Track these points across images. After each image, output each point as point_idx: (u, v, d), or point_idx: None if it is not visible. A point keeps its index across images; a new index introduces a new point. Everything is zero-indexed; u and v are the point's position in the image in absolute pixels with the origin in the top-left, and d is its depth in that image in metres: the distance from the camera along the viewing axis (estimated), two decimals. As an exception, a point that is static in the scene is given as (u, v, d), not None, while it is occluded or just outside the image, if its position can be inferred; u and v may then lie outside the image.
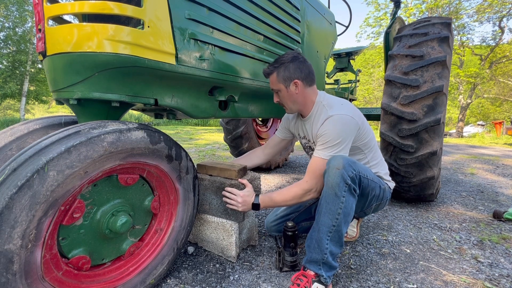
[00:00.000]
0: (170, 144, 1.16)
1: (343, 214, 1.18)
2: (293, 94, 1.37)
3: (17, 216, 0.75)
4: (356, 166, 1.22)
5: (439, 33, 2.19)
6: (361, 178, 1.22)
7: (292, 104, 1.42)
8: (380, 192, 1.40)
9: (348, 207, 1.19)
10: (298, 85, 1.35)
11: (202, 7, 1.26)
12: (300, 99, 1.40)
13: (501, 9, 14.36)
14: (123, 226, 1.06)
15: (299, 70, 1.34)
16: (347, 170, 1.17)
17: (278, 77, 1.35)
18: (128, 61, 1.02)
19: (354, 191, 1.20)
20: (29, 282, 0.81)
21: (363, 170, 1.25)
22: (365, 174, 1.26)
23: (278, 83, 1.37)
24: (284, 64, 1.34)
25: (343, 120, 1.30)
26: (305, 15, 2.08)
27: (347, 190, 1.18)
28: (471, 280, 1.35)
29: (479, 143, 9.20)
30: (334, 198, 1.18)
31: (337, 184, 1.16)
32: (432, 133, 1.99)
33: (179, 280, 1.32)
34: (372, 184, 1.31)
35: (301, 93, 1.37)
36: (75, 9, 0.98)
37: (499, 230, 1.92)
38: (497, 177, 3.62)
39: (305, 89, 1.38)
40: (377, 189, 1.36)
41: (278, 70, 1.35)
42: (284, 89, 1.37)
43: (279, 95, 1.42)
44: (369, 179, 1.29)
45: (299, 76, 1.34)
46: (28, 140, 1.18)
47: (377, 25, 16.69)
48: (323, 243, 1.20)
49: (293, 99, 1.39)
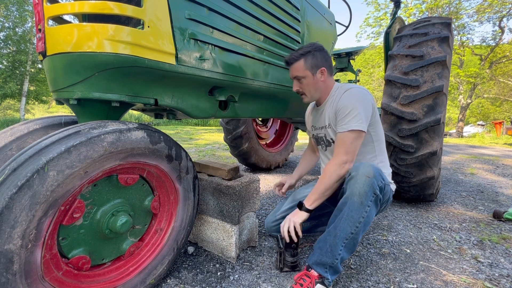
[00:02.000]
0: (170, 144, 1.16)
1: (364, 223, 1.16)
2: (318, 81, 1.41)
3: (17, 216, 0.75)
4: (384, 175, 1.23)
5: (439, 33, 2.19)
6: (385, 186, 1.22)
7: (315, 92, 1.44)
8: (390, 195, 1.38)
9: (370, 217, 1.18)
10: (324, 73, 1.41)
11: (202, 7, 1.26)
12: (323, 87, 1.44)
13: (501, 9, 14.36)
14: (123, 226, 1.06)
15: (325, 59, 1.41)
16: (377, 179, 1.16)
17: (305, 64, 1.38)
18: (128, 61, 1.02)
19: (380, 201, 1.20)
20: (29, 282, 0.81)
21: (385, 177, 1.26)
22: (388, 182, 1.27)
23: (304, 70, 1.39)
24: (311, 52, 1.38)
25: (361, 92, 1.34)
26: (305, 15, 2.08)
27: (373, 200, 1.16)
28: (471, 280, 1.35)
29: (479, 143, 9.20)
30: (359, 207, 1.15)
31: (365, 192, 1.14)
32: (432, 133, 1.99)
33: (179, 280, 1.32)
34: (389, 189, 1.31)
35: (325, 80, 1.43)
36: (75, 9, 0.98)
37: (499, 230, 1.92)
38: (497, 177, 3.62)
39: (328, 77, 1.44)
40: (388, 193, 1.33)
41: (306, 57, 1.38)
42: (311, 76, 1.40)
43: (301, 82, 1.43)
44: (388, 185, 1.29)
45: (325, 64, 1.40)
46: (28, 140, 1.18)
47: (377, 25, 16.69)
48: (337, 249, 1.17)
49: (317, 86, 1.43)
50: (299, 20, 1.99)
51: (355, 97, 1.31)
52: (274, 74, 1.77)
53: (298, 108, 2.18)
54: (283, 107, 2.09)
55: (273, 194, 2.72)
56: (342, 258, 1.19)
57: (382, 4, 16.27)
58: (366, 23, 17.21)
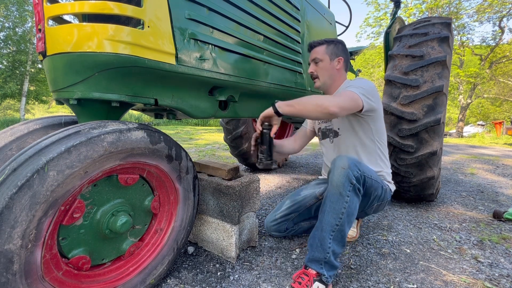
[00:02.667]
0: (170, 144, 1.16)
1: (347, 214, 1.20)
2: (333, 68, 1.52)
3: (17, 216, 0.75)
4: (361, 166, 1.26)
5: (439, 33, 2.19)
6: (365, 178, 1.26)
7: (328, 77, 1.53)
8: (382, 192, 1.42)
9: (352, 207, 1.21)
10: (340, 62, 1.52)
11: (202, 7, 1.26)
12: (336, 76, 1.53)
13: (501, 9, 14.36)
14: (123, 226, 1.06)
15: (345, 52, 1.54)
16: (352, 169, 1.20)
17: (327, 49, 1.50)
18: (128, 61, 1.02)
19: (359, 191, 1.22)
20: (29, 282, 0.81)
21: (367, 170, 1.29)
22: (369, 175, 1.29)
23: (324, 54, 1.50)
24: (335, 42, 1.52)
25: (367, 81, 1.44)
26: (305, 15, 2.08)
27: (352, 190, 1.20)
28: (471, 280, 1.35)
29: (479, 143, 9.20)
30: (338, 198, 1.20)
31: (342, 183, 1.19)
32: (432, 133, 1.99)
33: (179, 280, 1.32)
34: (375, 184, 1.34)
35: (339, 70, 1.53)
36: (75, 9, 0.98)
37: (499, 230, 1.92)
38: (497, 177, 3.62)
39: (343, 69, 1.55)
40: (379, 189, 1.38)
41: (329, 44, 1.51)
42: (328, 61, 1.50)
43: (318, 65, 1.52)
44: (372, 179, 1.32)
45: (344, 56, 1.53)
46: (28, 140, 1.18)
47: (377, 25, 16.68)
48: (326, 242, 1.20)
49: (331, 72, 1.52)
50: (299, 20, 1.99)
51: (364, 81, 1.43)
52: (274, 74, 1.77)
53: (298, 108, 2.18)
54: (283, 107, 2.08)
55: (273, 194, 2.72)
56: (334, 252, 1.21)
57: (382, 4, 16.27)
58: (366, 23, 17.20)
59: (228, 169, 1.49)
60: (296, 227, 1.69)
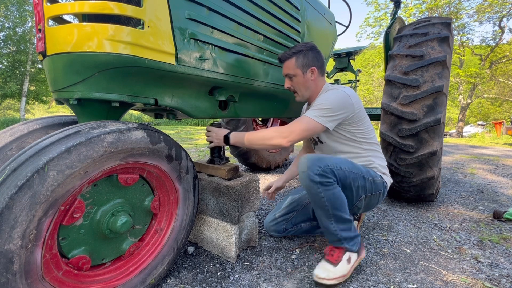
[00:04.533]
0: (170, 144, 1.16)
1: (331, 205, 1.26)
2: (308, 80, 1.46)
3: (17, 216, 0.75)
4: (324, 161, 1.26)
5: (439, 33, 2.19)
6: (332, 170, 1.25)
7: (305, 90, 1.48)
8: (366, 183, 1.38)
9: (331, 198, 1.25)
10: (314, 72, 1.45)
11: (202, 7, 1.26)
12: (313, 86, 1.48)
13: (501, 9, 14.36)
14: (123, 226, 1.06)
15: (316, 59, 1.45)
16: (311, 169, 1.23)
17: (296, 62, 1.43)
18: (128, 61, 1.02)
19: (328, 183, 1.24)
20: (29, 282, 0.81)
21: (334, 162, 1.28)
22: (338, 166, 1.28)
23: (295, 68, 1.44)
24: (303, 52, 1.43)
25: (337, 94, 1.38)
26: (305, 15, 2.08)
27: (320, 186, 1.23)
28: (471, 280, 1.35)
29: (479, 143, 9.20)
30: (314, 195, 1.27)
31: (308, 185, 1.25)
32: (432, 133, 1.98)
33: (179, 280, 1.32)
34: (351, 175, 1.32)
35: (315, 80, 1.47)
36: (75, 9, 0.98)
37: (499, 230, 1.92)
38: (497, 177, 3.62)
39: (319, 77, 1.48)
40: (359, 179, 1.35)
41: (298, 56, 1.43)
42: (301, 75, 1.44)
43: (293, 80, 1.48)
44: (345, 170, 1.30)
45: (316, 64, 1.45)
46: (28, 140, 1.18)
47: (377, 25, 16.68)
48: (331, 228, 1.31)
49: (307, 85, 1.47)
50: (299, 20, 1.99)
51: (329, 97, 1.37)
52: (274, 74, 1.77)
53: (298, 108, 2.18)
54: (283, 107, 2.09)
55: (273, 194, 2.72)
56: (343, 229, 1.32)
57: (382, 4, 16.28)
58: (366, 23, 17.20)
59: (227, 169, 1.49)
60: (295, 228, 1.69)
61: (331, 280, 1.25)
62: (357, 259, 1.36)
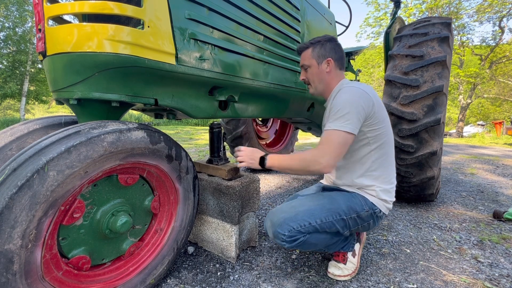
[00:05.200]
0: (170, 144, 1.16)
1: (314, 247, 1.29)
2: (323, 72, 1.38)
3: (17, 216, 0.75)
4: (287, 224, 1.19)
5: (439, 33, 2.19)
6: (299, 230, 1.18)
7: (319, 83, 1.41)
8: (347, 222, 1.27)
9: (310, 246, 1.25)
10: (330, 64, 1.37)
11: (202, 7, 1.26)
12: (327, 79, 1.39)
13: (501, 9, 14.35)
14: (123, 226, 1.06)
15: (334, 50, 1.38)
16: (277, 237, 1.21)
17: (313, 52, 1.38)
18: (128, 61, 1.02)
19: (299, 242, 1.20)
20: (29, 282, 0.81)
21: (300, 221, 1.20)
22: (306, 223, 1.20)
23: (311, 59, 1.38)
24: (321, 42, 1.37)
25: (354, 91, 1.26)
26: (305, 15, 2.08)
27: (291, 247, 1.21)
28: (471, 280, 1.35)
29: (479, 143, 9.19)
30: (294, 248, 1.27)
31: (282, 246, 1.28)
32: (432, 133, 1.98)
33: (179, 280, 1.32)
34: (325, 225, 1.23)
35: (330, 72, 1.38)
36: (75, 9, 0.98)
37: (499, 230, 1.92)
38: (497, 177, 3.62)
39: (335, 70, 1.39)
40: (337, 223, 1.24)
41: (314, 46, 1.38)
42: (316, 66, 1.38)
43: (307, 71, 1.42)
44: (315, 224, 1.21)
45: (333, 55, 1.37)
46: (28, 140, 1.18)
47: (377, 25, 16.68)
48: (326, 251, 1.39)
49: (321, 77, 1.39)
50: (299, 20, 1.99)
51: (345, 97, 1.24)
52: (274, 74, 1.77)
53: (298, 108, 2.18)
54: (283, 107, 2.09)
55: (273, 194, 2.72)
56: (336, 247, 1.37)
57: (382, 4, 16.27)
58: (366, 23, 17.20)
59: (228, 169, 1.48)
60: None
61: (347, 276, 1.35)
62: (360, 247, 1.44)
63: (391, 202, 1.36)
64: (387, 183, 1.34)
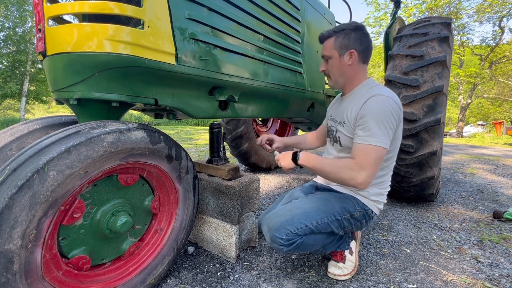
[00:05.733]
0: (170, 144, 1.16)
1: (311, 248, 1.27)
2: (344, 64, 1.26)
3: (17, 216, 0.75)
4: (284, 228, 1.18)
5: (439, 33, 2.19)
6: (296, 233, 1.18)
7: (339, 76, 1.29)
8: (342, 222, 1.28)
9: (306, 248, 1.24)
10: (353, 56, 1.24)
11: (202, 7, 1.26)
12: (349, 73, 1.28)
13: (501, 9, 14.35)
14: (123, 226, 1.06)
15: (359, 41, 1.24)
16: (275, 241, 1.19)
17: (335, 42, 1.25)
18: (128, 61, 1.02)
19: (297, 245, 1.19)
20: (29, 282, 0.81)
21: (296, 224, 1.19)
22: (302, 225, 1.19)
23: (332, 49, 1.26)
24: (345, 31, 1.23)
25: (389, 104, 1.15)
26: (305, 15, 2.08)
27: (289, 250, 1.20)
28: (471, 280, 1.35)
29: (479, 143, 9.19)
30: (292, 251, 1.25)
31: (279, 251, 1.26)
32: (432, 133, 1.98)
33: (179, 280, 1.32)
34: (321, 226, 1.23)
35: (353, 66, 1.26)
36: (75, 9, 0.98)
37: (499, 230, 1.92)
38: (497, 177, 3.62)
39: (358, 63, 1.27)
40: (332, 224, 1.25)
41: (338, 35, 1.24)
42: (337, 57, 1.25)
43: (328, 63, 1.30)
44: (312, 226, 1.20)
45: (357, 47, 1.23)
46: (28, 140, 1.18)
47: (377, 25, 16.68)
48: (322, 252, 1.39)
49: (342, 70, 1.27)
50: (299, 20, 1.99)
51: (379, 107, 1.15)
52: (274, 74, 1.77)
53: (298, 108, 2.18)
54: (283, 107, 2.09)
55: (273, 194, 2.72)
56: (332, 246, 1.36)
57: (382, 4, 16.28)
58: (366, 23, 17.18)
59: (228, 169, 1.48)
60: None
61: (347, 275, 1.35)
62: (356, 244, 1.44)
63: (383, 203, 1.36)
64: (384, 188, 1.35)
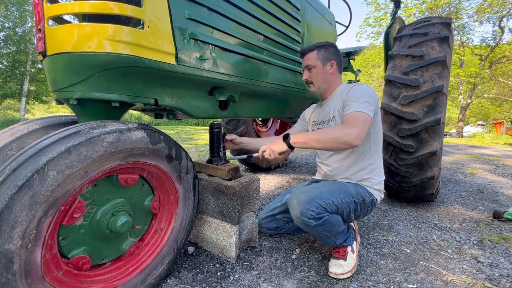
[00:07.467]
0: (170, 144, 1.16)
1: (329, 232, 1.34)
2: (327, 73, 1.52)
3: (17, 216, 0.75)
4: (315, 201, 1.27)
5: (439, 33, 2.19)
6: (325, 208, 1.28)
7: (322, 82, 1.54)
8: (356, 205, 1.41)
9: (328, 228, 1.32)
10: (333, 66, 1.52)
11: (202, 7, 1.26)
12: (330, 80, 1.54)
13: (501, 9, 14.35)
14: (123, 226, 1.06)
15: (336, 55, 1.54)
16: (305, 215, 1.26)
17: (318, 54, 1.51)
18: (128, 61, 1.02)
19: (324, 221, 1.28)
20: (29, 282, 0.81)
21: (326, 198, 1.30)
22: (329, 201, 1.30)
23: (316, 60, 1.51)
24: (325, 46, 1.53)
25: (368, 87, 1.45)
26: (305, 15, 2.08)
27: (316, 226, 1.28)
28: (471, 280, 1.35)
29: (479, 143, 9.19)
30: (311, 231, 1.34)
31: (304, 227, 1.31)
32: (432, 133, 1.98)
33: (179, 280, 1.32)
34: (343, 205, 1.34)
35: (333, 74, 1.54)
36: (75, 9, 0.98)
37: (499, 230, 1.92)
38: (497, 177, 3.62)
39: (337, 72, 1.55)
40: (351, 205, 1.38)
41: (319, 49, 1.52)
42: (320, 66, 1.51)
43: (311, 72, 1.54)
44: (337, 203, 1.32)
45: (335, 59, 1.53)
46: (28, 140, 1.18)
47: (377, 25, 16.67)
48: (330, 242, 1.42)
49: (325, 77, 1.53)
50: (299, 20, 1.99)
51: (363, 89, 1.42)
52: (274, 74, 1.77)
53: (298, 108, 2.18)
54: (283, 107, 2.09)
55: (273, 194, 2.72)
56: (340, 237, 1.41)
57: (382, 4, 16.26)
58: (366, 23, 17.19)
59: (228, 169, 1.48)
60: (287, 225, 1.71)
61: (348, 273, 1.37)
62: (356, 245, 1.51)
63: (382, 192, 1.55)
64: (380, 175, 1.53)
